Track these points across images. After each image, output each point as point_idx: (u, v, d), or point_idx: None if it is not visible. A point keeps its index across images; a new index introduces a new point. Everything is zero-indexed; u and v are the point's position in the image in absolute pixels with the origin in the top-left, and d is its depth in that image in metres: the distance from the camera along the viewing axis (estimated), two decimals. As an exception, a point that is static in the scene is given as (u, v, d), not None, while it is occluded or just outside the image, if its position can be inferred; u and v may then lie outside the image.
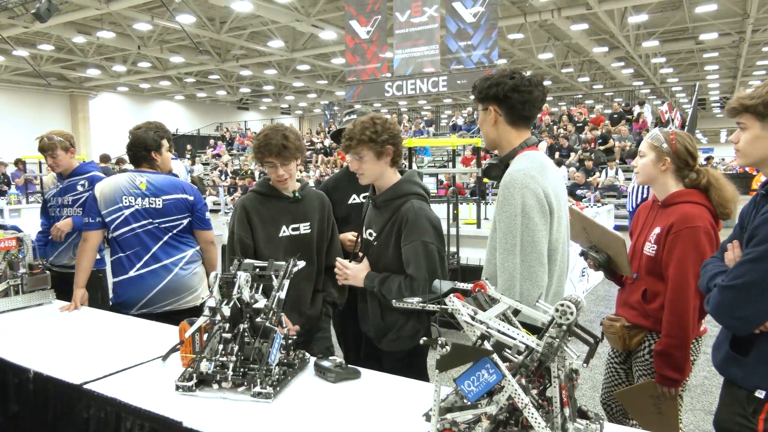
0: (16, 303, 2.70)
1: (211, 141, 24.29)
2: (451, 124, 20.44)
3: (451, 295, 1.30)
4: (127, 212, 2.78)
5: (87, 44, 18.40)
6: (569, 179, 12.49)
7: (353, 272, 2.26)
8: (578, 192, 11.40)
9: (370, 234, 2.29)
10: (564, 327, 1.21)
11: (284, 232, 2.36)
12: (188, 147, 23.49)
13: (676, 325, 2.00)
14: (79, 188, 3.41)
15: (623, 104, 17.22)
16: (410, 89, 13.24)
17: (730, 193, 2.07)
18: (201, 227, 2.95)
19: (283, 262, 1.91)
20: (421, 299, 1.39)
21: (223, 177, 19.33)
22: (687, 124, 14.50)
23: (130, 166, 3.00)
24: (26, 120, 22.02)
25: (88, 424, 1.69)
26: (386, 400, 1.67)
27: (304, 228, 2.40)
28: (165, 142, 2.98)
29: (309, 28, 15.90)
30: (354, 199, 2.74)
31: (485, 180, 6.77)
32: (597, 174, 12.70)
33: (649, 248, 2.11)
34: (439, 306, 1.32)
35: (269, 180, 2.41)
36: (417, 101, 28.61)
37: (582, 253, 2.38)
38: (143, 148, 2.88)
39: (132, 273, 2.76)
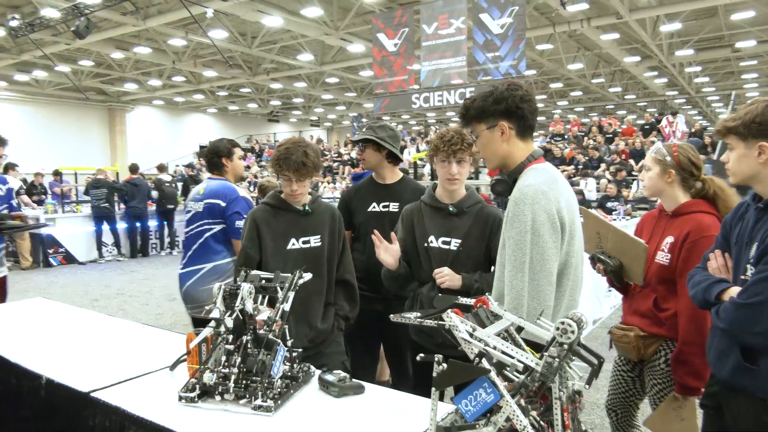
0: None
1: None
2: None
3: (450, 310, 1.26)
4: (187, 216, 3.18)
5: (124, 59, 19.03)
6: (599, 191, 12.19)
7: (450, 274, 2.21)
8: (608, 204, 11.12)
9: (445, 242, 2.25)
10: (565, 346, 1.17)
11: (294, 244, 2.36)
12: (220, 158, 23.96)
13: (694, 332, 1.97)
14: None
15: (656, 114, 16.80)
16: (437, 101, 13.22)
17: (735, 203, 2.03)
18: (231, 235, 3.08)
19: (289, 274, 1.91)
20: (419, 314, 1.35)
21: (251, 188, 19.62)
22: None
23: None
24: (67, 133, 22.90)
25: (93, 433, 1.71)
26: (389, 416, 1.63)
27: (315, 241, 2.39)
28: (237, 150, 3.30)
29: (338, 41, 16.07)
30: (374, 207, 2.83)
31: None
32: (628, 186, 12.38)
33: (663, 257, 2.13)
34: (436, 322, 1.28)
35: (281, 192, 2.42)
36: (445, 113, 28.54)
37: (592, 258, 2.34)
38: (215, 154, 3.21)
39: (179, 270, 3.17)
